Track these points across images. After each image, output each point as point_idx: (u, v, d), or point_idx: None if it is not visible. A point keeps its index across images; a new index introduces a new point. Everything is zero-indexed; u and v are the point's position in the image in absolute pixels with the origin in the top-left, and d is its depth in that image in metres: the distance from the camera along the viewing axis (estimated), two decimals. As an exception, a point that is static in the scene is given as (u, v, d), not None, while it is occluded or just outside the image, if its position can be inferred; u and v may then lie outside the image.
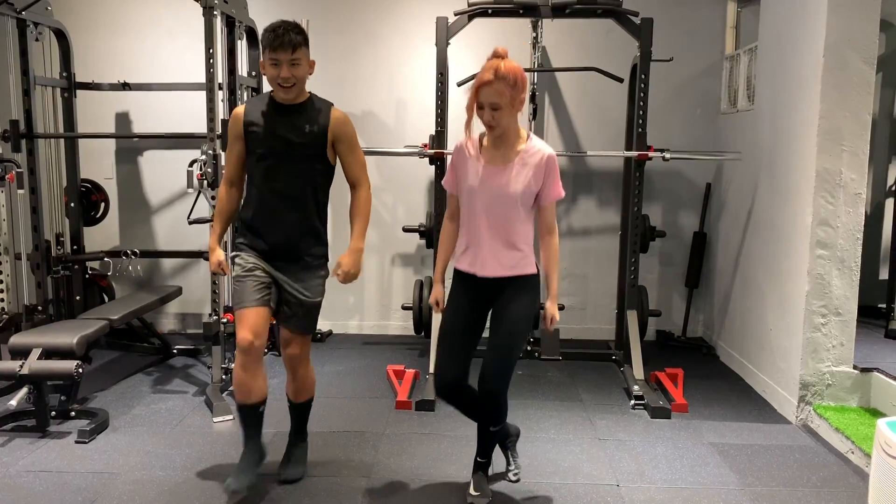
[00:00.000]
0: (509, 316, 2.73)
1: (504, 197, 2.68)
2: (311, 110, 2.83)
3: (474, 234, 2.74)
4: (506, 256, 2.72)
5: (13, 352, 3.55)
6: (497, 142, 2.71)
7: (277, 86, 2.74)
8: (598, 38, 5.15)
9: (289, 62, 2.70)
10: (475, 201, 2.72)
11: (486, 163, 2.71)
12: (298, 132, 2.79)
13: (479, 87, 2.58)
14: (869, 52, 3.58)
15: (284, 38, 2.67)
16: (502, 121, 2.61)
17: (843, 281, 3.70)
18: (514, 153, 2.70)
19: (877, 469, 2.48)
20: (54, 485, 3.01)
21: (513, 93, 2.58)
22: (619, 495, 3.00)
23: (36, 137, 4.52)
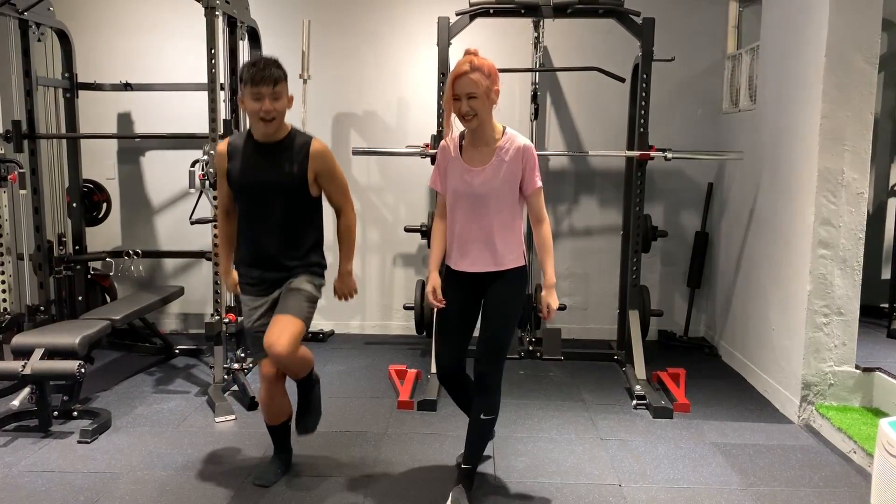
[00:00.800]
0: (499, 304, 2.84)
1: (486, 195, 2.75)
2: (290, 148, 2.85)
3: (461, 232, 2.82)
4: (493, 252, 2.80)
5: (16, 352, 3.56)
6: (475, 139, 2.77)
7: (259, 120, 2.76)
8: (599, 38, 5.15)
9: (270, 95, 2.72)
10: (459, 201, 2.80)
11: (467, 163, 2.78)
12: (278, 173, 2.82)
13: (456, 78, 2.66)
14: (871, 52, 3.57)
15: (266, 71, 2.70)
16: (479, 110, 2.66)
17: (845, 280, 3.70)
18: (492, 151, 2.76)
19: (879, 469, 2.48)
20: (57, 485, 3.02)
21: (488, 83, 2.65)
22: (621, 495, 3.00)
23: (38, 138, 4.52)
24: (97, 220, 5.19)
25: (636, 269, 4.50)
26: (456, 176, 2.79)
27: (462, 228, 2.81)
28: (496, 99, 2.71)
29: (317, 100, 5.13)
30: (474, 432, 2.94)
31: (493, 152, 2.76)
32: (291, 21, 5.11)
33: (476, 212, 2.77)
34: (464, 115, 2.68)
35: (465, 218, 2.80)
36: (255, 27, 4.81)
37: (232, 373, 4.19)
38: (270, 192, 2.82)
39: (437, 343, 3.03)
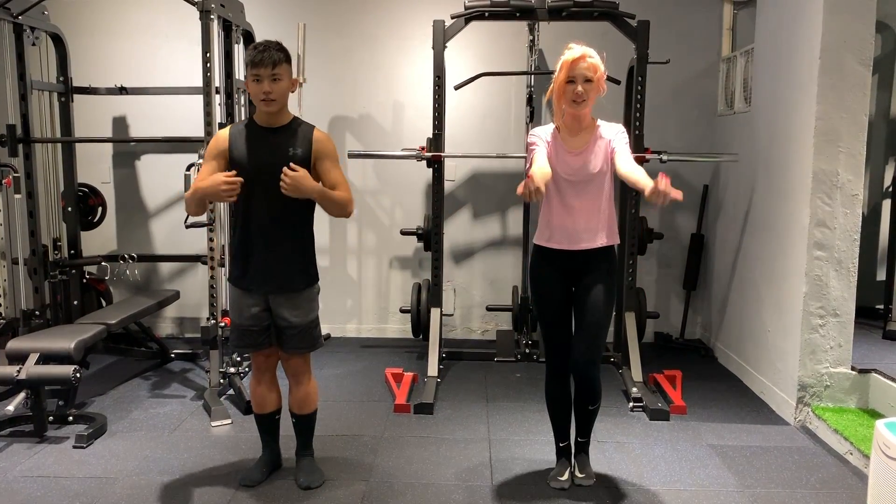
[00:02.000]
0: (599, 293, 2.89)
1: (590, 176, 2.85)
2: (293, 133, 2.87)
3: (561, 213, 2.88)
4: (594, 229, 2.88)
5: (10, 357, 3.54)
6: (573, 127, 2.88)
7: (260, 101, 2.79)
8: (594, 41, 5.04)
9: (270, 77, 2.75)
10: (563, 182, 2.87)
11: (569, 147, 2.88)
12: (282, 156, 2.82)
13: (573, 62, 2.77)
14: (865, 54, 3.58)
15: (265, 53, 2.75)
16: (591, 95, 2.79)
17: (840, 282, 3.71)
18: (590, 135, 2.89)
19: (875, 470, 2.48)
20: (52, 490, 3.01)
21: (601, 70, 2.79)
22: (618, 497, 3.00)
23: (33, 142, 4.51)
24: (92, 224, 5.18)
25: (632, 272, 4.51)
26: (558, 160, 2.86)
27: (565, 212, 2.88)
28: (604, 89, 2.84)
29: (312, 103, 5.12)
30: (584, 419, 3.09)
31: (591, 136, 2.88)
32: (286, 24, 5.10)
33: (579, 193, 2.86)
34: (576, 99, 2.78)
35: (567, 199, 2.87)
36: (251, 30, 4.81)
37: (228, 377, 4.18)
38: (276, 172, 2.78)
39: (549, 339, 3.02)
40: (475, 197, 5.38)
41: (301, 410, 3.11)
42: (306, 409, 3.11)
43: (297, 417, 3.13)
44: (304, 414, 3.12)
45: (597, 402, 3.02)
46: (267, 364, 3.06)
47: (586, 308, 2.89)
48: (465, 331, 5.56)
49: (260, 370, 3.06)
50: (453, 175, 5.31)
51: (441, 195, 4.60)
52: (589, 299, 2.89)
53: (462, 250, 5.46)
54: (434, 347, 4.46)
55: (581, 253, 2.89)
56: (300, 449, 3.19)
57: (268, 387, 3.09)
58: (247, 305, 2.94)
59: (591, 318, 2.88)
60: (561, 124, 2.91)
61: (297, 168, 2.73)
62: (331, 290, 3.10)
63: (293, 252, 2.91)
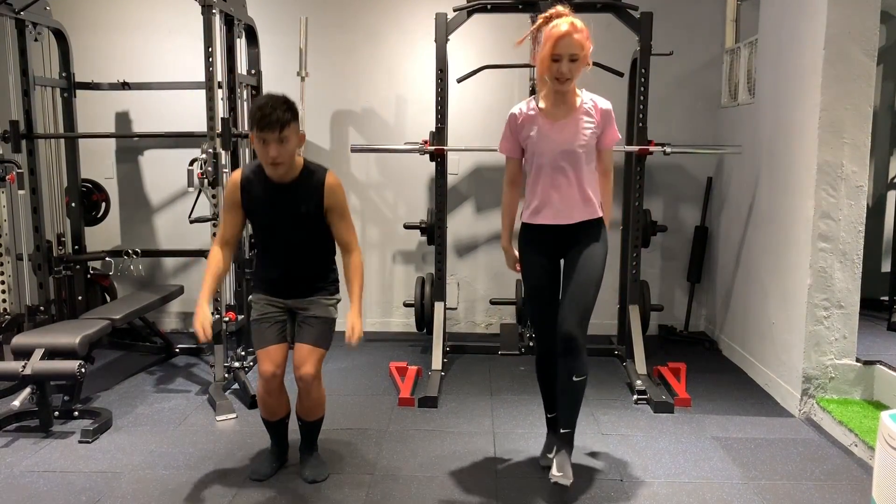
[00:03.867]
0: (587, 261, 2.85)
1: (573, 148, 2.80)
2: (305, 185, 2.86)
3: (549, 188, 2.84)
4: (581, 202, 2.84)
5: (16, 352, 3.56)
6: (556, 101, 2.82)
7: (267, 164, 2.76)
8: (597, 33, 5.05)
9: (277, 140, 2.68)
10: (545, 157, 2.83)
11: (552, 121, 2.81)
12: (294, 210, 2.86)
13: (558, 39, 2.67)
14: (869, 44, 3.57)
15: (272, 116, 2.63)
16: (576, 73, 2.72)
17: (845, 274, 3.70)
18: (574, 108, 2.82)
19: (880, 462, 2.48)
20: (58, 485, 3.02)
21: (588, 45, 2.70)
22: (622, 490, 3.00)
23: (36, 138, 4.51)
24: (96, 219, 5.19)
25: (636, 264, 4.50)
26: (539, 134, 2.82)
27: (549, 184, 2.83)
28: (590, 63, 2.77)
29: (315, 97, 5.12)
30: (568, 396, 2.93)
31: (575, 109, 2.82)
32: (289, 18, 5.10)
33: (563, 164, 2.81)
34: (559, 77, 2.71)
35: (552, 173, 2.82)
36: (253, 25, 4.80)
37: (232, 371, 4.19)
38: (290, 227, 2.88)
39: (537, 318, 2.98)
40: (478, 190, 5.37)
41: (309, 417, 3.10)
42: (314, 416, 3.11)
43: (305, 423, 3.12)
44: (312, 420, 3.12)
45: (583, 372, 2.87)
46: (275, 375, 2.95)
47: (574, 276, 2.85)
48: (468, 324, 5.56)
49: (267, 382, 2.94)
50: (456, 169, 5.30)
51: (444, 189, 4.59)
52: (578, 267, 2.85)
53: (465, 244, 5.46)
54: (438, 341, 4.46)
55: (569, 227, 2.86)
56: (305, 447, 3.19)
57: (276, 397, 3.03)
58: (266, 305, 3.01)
59: (580, 287, 2.83)
60: (542, 99, 2.86)
61: (355, 328, 2.94)
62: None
63: (318, 276, 3.02)
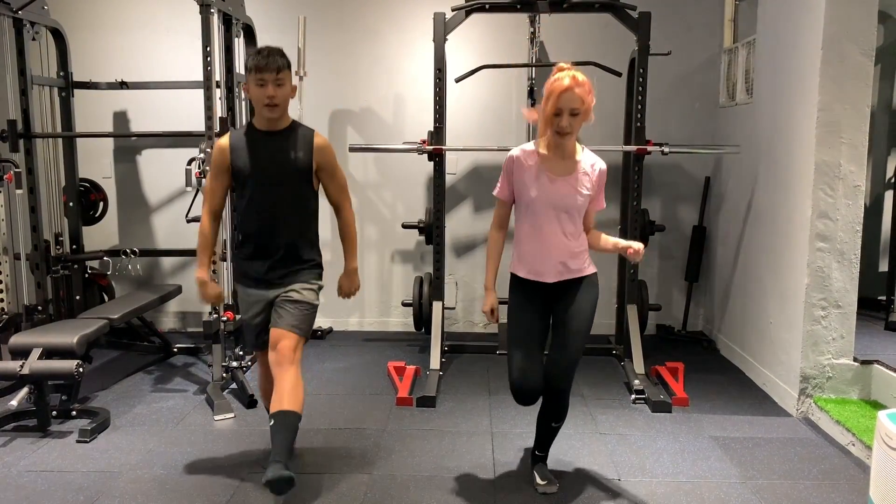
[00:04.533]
0: (576, 315, 2.81)
1: (571, 205, 2.77)
2: (294, 137, 2.89)
3: (539, 241, 2.80)
4: (572, 260, 2.81)
5: (13, 352, 3.55)
6: (559, 152, 2.78)
7: (263, 106, 2.80)
8: (595, 33, 5.14)
9: (274, 81, 2.77)
10: (540, 210, 2.78)
11: (550, 172, 2.77)
12: (284, 160, 2.86)
13: (561, 93, 2.64)
14: (867, 44, 3.57)
15: (270, 59, 2.76)
16: (576, 126, 2.69)
17: (842, 273, 3.70)
18: (574, 163, 2.79)
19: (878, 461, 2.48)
20: (56, 484, 3.02)
21: (589, 100, 2.67)
22: (620, 489, 3.00)
23: (34, 137, 4.51)
24: (94, 219, 5.18)
25: (634, 264, 4.50)
26: (538, 185, 2.77)
27: (541, 237, 2.79)
28: (592, 118, 2.74)
29: (313, 96, 5.12)
30: (545, 435, 3.05)
31: (575, 165, 2.78)
32: (287, 17, 5.10)
33: (558, 220, 2.77)
34: (560, 131, 2.68)
35: (546, 226, 2.78)
36: (251, 24, 4.80)
37: (230, 371, 4.19)
38: (278, 177, 2.85)
39: (519, 365, 2.81)
40: (476, 190, 5.37)
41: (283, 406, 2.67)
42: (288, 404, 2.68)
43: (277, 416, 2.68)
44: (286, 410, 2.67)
45: (562, 420, 2.97)
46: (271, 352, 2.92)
47: (564, 330, 2.81)
48: (467, 324, 5.56)
49: (267, 369, 2.96)
50: (454, 168, 5.30)
51: (442, 188, 4.59)
52: (567, 321, 2.80)
53: (463, 243, 5.46)
54: (436, 341, 4.46)
55: (559, 284, 2.82)
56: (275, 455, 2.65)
57: None
58: (254, 303, 2.95)
59: (569, 340, 2.80)
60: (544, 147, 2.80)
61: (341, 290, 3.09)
62: (333, 284, 3.10)
63: (299, 252, 2.93)
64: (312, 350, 4.97)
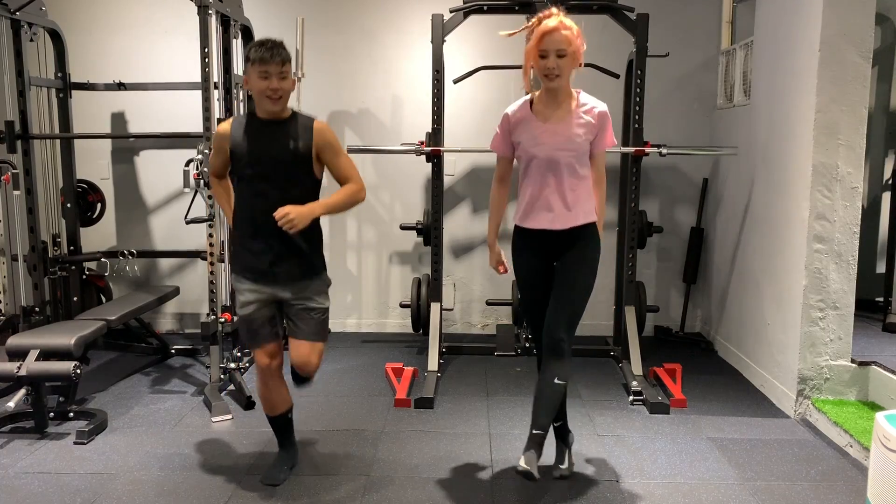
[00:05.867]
0: (576, 266, 2.82)
1: (567, 151, 2.76)
2: (294, 126, 2.89)
3: (540, 191, 2.80)
4: (569, 208, 2.80)
5: (11, 353, 3.54)
6: (551, 100, 2.78)
7: (266, 98, 2.80)
8: (593, 34, 5.09)
9: (278, 74, 2.78)
10: (537, 160, 2.78)
11: (544, 122, 2.77)
12: (284, 149, 2.85)
13: (544, 34, 2.65)
14: (865, 46, 3.58)
15: (274, 51, 2.77)
16: (565, 69, 2.68)
17: (840, 275, 3.71)
18: (568, 110, 2.77)
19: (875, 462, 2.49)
20: (53, 486, 3.01)
21: (577, 42, 2.66)
22: (618, 491, 3.00)
23: (31, 138, 4.50)
24: (92, 220, 5.18)
25: (632, 265, 4.50)
26: (532, 136, 2.77)
27: (540, 186, 2.79)
28: (581, 62, 2.72)
29: (311, 98, 5.12)
30: (546, 397, 2.86)
31: (570, 112, 2.76)
32: (285, 19, 5.10)
33: (556, 167, 2.76)
34: (547, 74, 2.67)
35: (545, 176, 2.78)
36: (249, 25, 4.80)
37: (228, 372, 4.18)
38: (279, 165, 2.84)
39: (531, 321, 2.94)
40: (474, 191, 5.38)
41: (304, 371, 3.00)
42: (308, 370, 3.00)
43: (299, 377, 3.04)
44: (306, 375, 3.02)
45: (564, 377, 2.86)
46: (270, 366, 2.95)
47: (564, 282, 2.82)
48: (465, 325, 5.56)
49: (265, 373, 2.97)
50: (452, 170, 5.31)
51: (440, 190, 4.59)
52: (567, 273, 2.82)
53: (461, 245, 5.46)
54: (434, 342, 4.46)
55: (560, 232, 2.82)
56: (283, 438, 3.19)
57: (275, 389, 3.02)
58: (253, 300, 2.92)
59: (569, 292, 2.80)
60: (535, 96, 2.82)
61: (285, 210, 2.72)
62: (331, 286, 3.09)
63: (300, 243, 2.89)
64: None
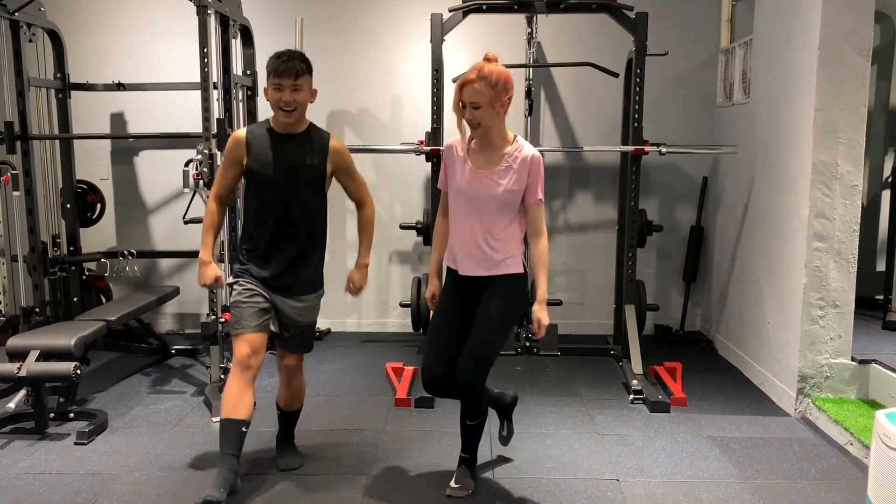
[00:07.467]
0: (489, 311, 2.76)
1: (488, 199, 2.73)
2: (310, 141, 2.91)
3: (460, 233, 2.80)
4: (489, 256, 2.76)
5: (11, 354, 3.54)
6: (483, 144, 2.77)
7: (279, 109, 2.82)
8: (593, 33, 5.15)
9: (291, 87, 2.80)
10: (461, 202, 2.79)
11: (473, 165, 2.77)
12: (300, 163, 2.87)
13: (462, 85, 2.66)
14: (864, 44, 3.58)
15: (289, 63, 2.78)
16: (483, 119, 2.66)
17: (840, 273, 3.71)
18: (499, 156, 2.74)
19: (876, 461, 2.49)
20: (54, 487, 3.01)
21: (492, 93, 2.62)
22: (618, 490, 3.00)
23: (31, 139, 4.50)
24: (91, 220, 5.17)
25: (632, 264, 4.50)
26: (460, 176, 2.78)
27: (462, 229, 2.79)
28: (505, 109, 2.69)
29: (310, 98, 5.11)
30: (465, 434, 3.00)
31: (500, 157, 2.74)
32: (284, 19, 5.09)
33: (478, 214, 2.75)
34: (469, 122, 2.69)
35: (466, 219, 2.77)
36: (248, 25, 4.79)
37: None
38: (293, 180, 2.86)
39: (427, 351, 2.88)
40: (474, 191, 5.37)
41: (289, 407, 3.19)
42: (293, 406, 3.19)
43: (284, 413, 3.21)
44: (292, 410, 3.20)
45: (477, 416, 2.89)
46: (249, 362, 2.83)
47: (476, 327, 2.75)
48: (465, 325, 5.55)
49: (241, 367, 2.81)
50: (452, 169, 5.29)
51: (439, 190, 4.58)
52: (480, 319, 2.75)
53: (461, 244, 5.45)
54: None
55: (483, 278, 2.77)
56: (282, 437, 3.26)
57: (243, 388, 2.82)
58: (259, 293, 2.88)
59: (480, 338, 2.73)
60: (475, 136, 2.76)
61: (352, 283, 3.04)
62: (331, 285, 3.09)
63: (306, 256, 2.94)
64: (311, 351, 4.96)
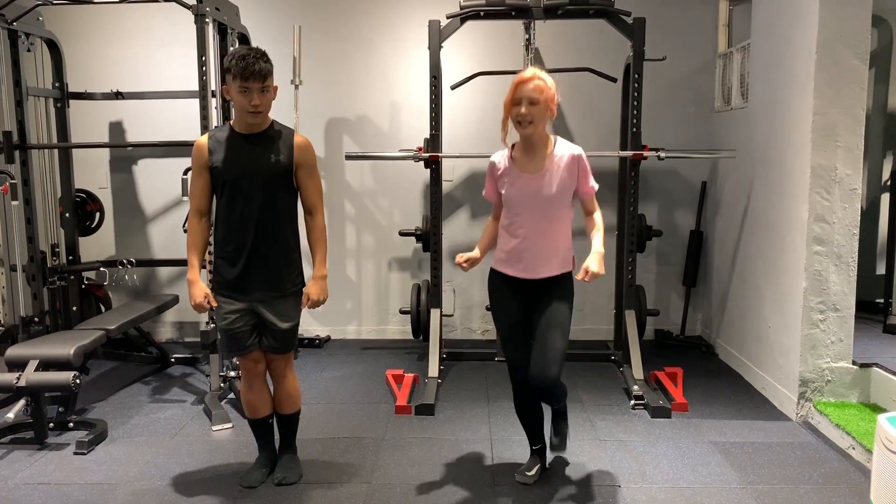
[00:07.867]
0: (555, 312, 2.86)
1: (543, 201, 2.82)
2: (274, 139, 2.90)
3: (520, 240, 2.86)
4: (552, 257, 2.87)
5: (10, 364, 3.54)
6: (528, 148, 2.85)
7: (247, 113, 2.80)
8: (590, 39, 5.15)
9: (259, 90, 2.77)
10: (516, 209, 2.86)
11: (521, 171, 2.84)
12: (264, 162, 2.86)
13: (519, 83, 2.74)
14: (861, 48, 3.58)
15: (255, 66, 2.73)
16: (536, 116, 2.73)
17: (840, 276, 3.70)
18: (543, 156, 2.84)
19: (878, 465, 2.48)
20: (53, 497, 3.00)
21: (549, 93, 2.73)
22: (620, 496, 2.99)
23: (29, 148, 4.50)
24: (90, 229, 5.17)
25: (632, 269, 4.50)
26: (511, 185, 2.85)
27: (521, 236, 2.86)
28: (554, 112, 2.79)
29: (309, 105, 5.12)
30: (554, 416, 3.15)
31: (545, 158, 2.83)
32: (282, 27, 5.10)
33: (534, 217, 2.84)
34: (520, 121, 2.74)
35: (524, 225, 2.85)
36: (246, 33, 4.80)
37: (228, 381, 4.17)
38: (259, 180, 2.85)
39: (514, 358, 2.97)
40: (473, 197, 5.37)
41: (283, 410, 3.15)
42: (288, 408, 3.15)
43: (280, 417, 3.18)
44: (287, 414, 3.17)
45: (560, 401, 3.08)
46: (256, 370, 3.04)
47: (543, 325, 2.85)
48: (465, 331, 5.55)
49: (249, 376, 3.05)
50: (451, 175, 5.31)
51: (439, 196, 4.59)
52: (545, 318, 2.85)
53: (461, 250, 5.37)
54: (434, 348, 4.45)
55: (536, 282, 2.88)
56: (283, 446, 3.24)
57: (258, 393, 3.08)
58: (231, 312, 2.94)
59: (549, 335, 2.83)
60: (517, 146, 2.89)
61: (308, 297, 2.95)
62: (330, 293, 3.08)
63: (278, 257, 2.92)
64: (311, 359, 4.97)
